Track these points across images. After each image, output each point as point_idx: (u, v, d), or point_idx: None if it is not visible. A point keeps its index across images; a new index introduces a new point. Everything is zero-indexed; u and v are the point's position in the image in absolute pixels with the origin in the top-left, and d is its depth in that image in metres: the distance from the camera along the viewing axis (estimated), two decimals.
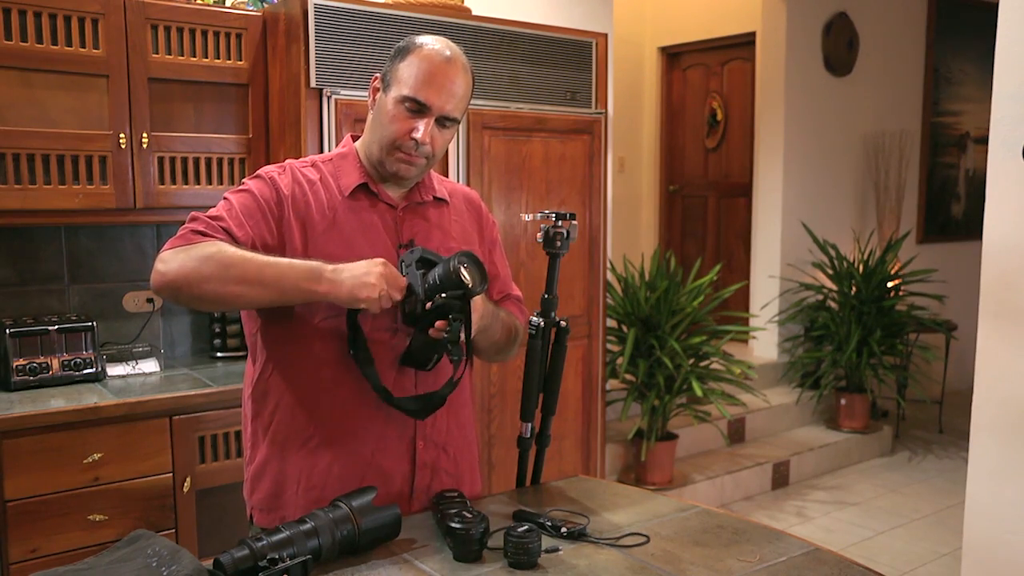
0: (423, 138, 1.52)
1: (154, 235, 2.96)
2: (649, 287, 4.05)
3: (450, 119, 1.56)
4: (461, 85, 1.56)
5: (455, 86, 1.54)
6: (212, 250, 1.43)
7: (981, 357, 2.53)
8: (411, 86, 1.52)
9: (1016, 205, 2.43)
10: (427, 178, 1.68)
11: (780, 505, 4.25)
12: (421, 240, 1.59)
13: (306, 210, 1.55)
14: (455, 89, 1.54)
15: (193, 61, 2.67)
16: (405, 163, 1.56)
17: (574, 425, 3.39)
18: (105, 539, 2.35)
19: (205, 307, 1.60)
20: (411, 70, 1.53)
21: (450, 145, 2.93)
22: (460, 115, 1.59)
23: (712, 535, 1.51)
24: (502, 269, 1.79)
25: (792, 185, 5.27)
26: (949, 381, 5.47)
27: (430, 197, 1.67)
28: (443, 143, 1.59)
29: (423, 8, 2.90)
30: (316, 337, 1.54)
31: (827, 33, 5.30)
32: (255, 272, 1.42)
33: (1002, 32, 2.45)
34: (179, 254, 1.44)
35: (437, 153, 1.58)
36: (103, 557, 1.31)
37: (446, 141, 1.60)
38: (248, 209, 1.52)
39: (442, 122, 1.55)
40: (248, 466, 1.65)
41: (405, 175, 1.58)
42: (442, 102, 1.53)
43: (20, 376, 2.50)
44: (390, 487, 1.58)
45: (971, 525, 2.58)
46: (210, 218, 1.51)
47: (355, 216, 1.57)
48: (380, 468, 1.57)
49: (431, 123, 1.53)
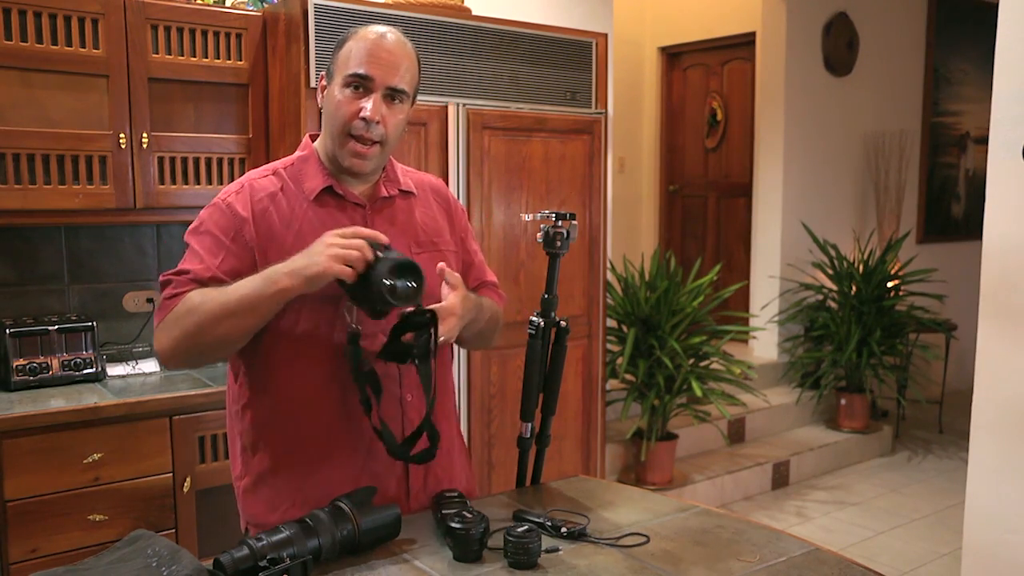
0: (372, 114, 1.49)
1: (154, 235, 2.96)
2: (649, 287, 4.05)
3: (398, 91, 1.53)
4: (403, 58, 1.54)
5: (395, 58, 1.52)
6: (183, 309, 1.45)
7: (981, 357, 2.53)
8: (351, 65, 1.51)
9: (1016, 205, 2.43)
10: (391, 170, 1.65)
11: (780, 505, 4.25)
12: (392, 239, 1.50)
13: (269, 226, 1.52)
14: (396, 61, 1.52)
15: (193, 61, 2.67)
16: (358, 156, 1.52)
17: (574, 425, 3.39)
18: (105, 539, 2.35)
19: (218, 356, 1.56)
20: (349, 52, 1.53)
21: (450, 145, 2.93)
22: (409, 89, 1.55)
23: (712, 535, 1.51)
24: (475, 256, 1.77)
25: (792, 185, 5.27)
26: (949, 381, 5.47)
27: (396, 191, 1.64)
28: (395, 124, 1.54)
29: (423, 8, 2.90)
30: (298, 353, 1.53)
31: (827, 33, 5.30)
32: (223, 307, 1.42)
33: (1002, 32, 2.44)
34: (163, 328, 1.48)
35: (390, 135, 1.54)
36: (103, 557, 1.31)
37: (399, 122, 1.55)
38: (210, 248, 1.51)
39: (390, 96, 1.52)
40: (238, 481, 1.62)
41: (359, 170, 1.55)
42: (384, 72, 1.51)
43: (20, 376, 2.50)
44: (386, 491, 1.58)
45: (971, 525, 2.58)
46: (177, 274, 1.50)
47: (321, 222, 1.52)
48: (374, 473, 1.57)
49: (378, 98, 1.51)
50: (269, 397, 1.56)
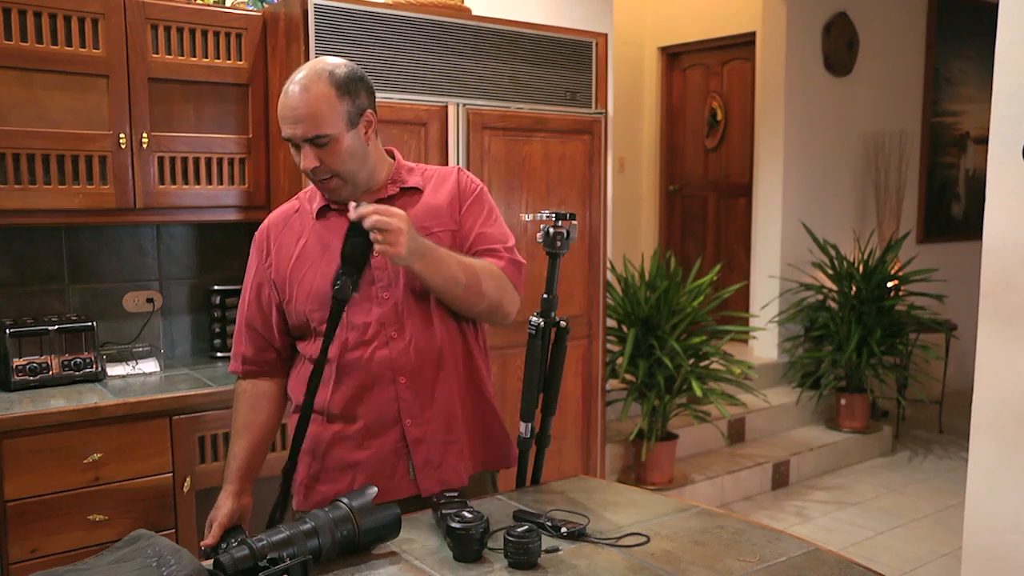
0: (306, 165, 1.64)
1: (154, 235, 2.96)
2: (649, 287, 4.05)
3: (316, 139, 1.62)
4: (304, 105, 1.61)
5: (297, 111, 1.61)
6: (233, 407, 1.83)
7: (981, 357, 2.53)
8: (281, 129, 1.66)
9: (1016, 205, 2.43)
10: (396, 173, 1.77)
11: (780, 505, 4.25)
12: None
13: (280, 248, 1.77)
14: (299, 114, 1.61)
15: (193, 61, 2.67)
16: (327, 191, 1.70)
17: (574, 425, 3.39)
18: (105, 539, 2.35)
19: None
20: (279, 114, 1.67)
21: (450, 144, 2.93)
22: (328, 129, 1.62)
23: (712, 535, 1.51)
24: (482, 228, 1.77)
25: (792, 185, 5.27)
26: (949, 381, 5.47)
27: (396, 189, 1.75)
28: (339, 156, 1.64)
29: (423, 8, 2.90)
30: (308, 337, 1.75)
31: (827, 33, 5.30)
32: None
33: (1002, 32, 2.44)
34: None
35: (342, 168, 1.66)
36: (103, 557, 1.31)
37: (343, 152, 1.64)
38: (251, 315, 1.80)
39: (314, 142, 1.62)
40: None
41: (333, 198, 1.71)
42: (295, 131, 1.62)
43: (20, 376, 2.50)
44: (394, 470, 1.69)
45: (971, 525, 2.58)
46: (234, 348, 1.84)
47: (320, 235, 1.73)
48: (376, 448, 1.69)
49: (307, 150, 1.63)
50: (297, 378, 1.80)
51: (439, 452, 1.70)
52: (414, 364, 1.68)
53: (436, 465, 1.69)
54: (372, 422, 1.68)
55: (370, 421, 1.68)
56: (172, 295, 3.01)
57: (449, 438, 1.71)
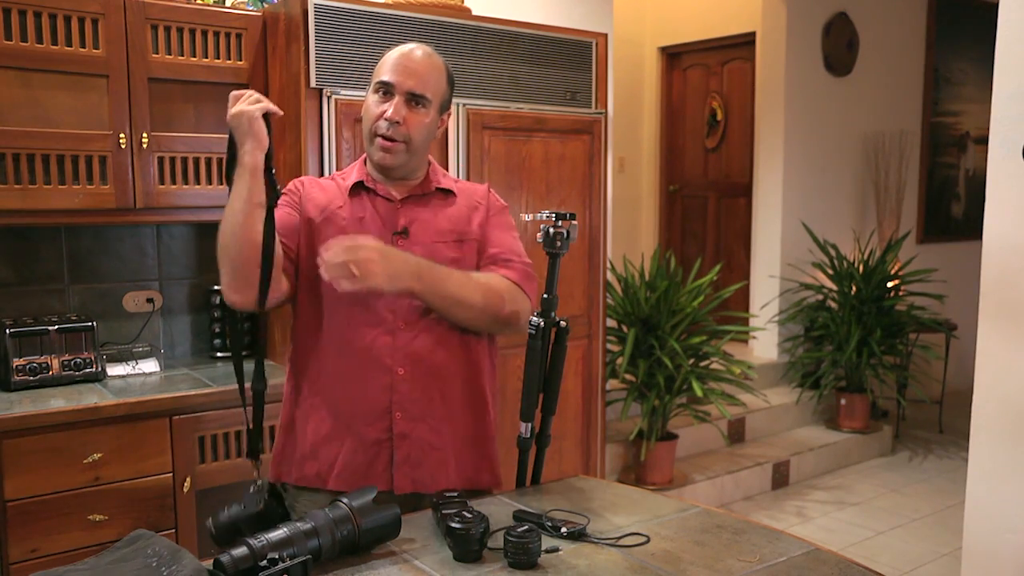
0: (393, 115, 1.67)
1: (154, 235, 2.96)
2: (649, 287, 4.05)
3: (418, 96, 1.69)
4: (423, 65, 1.71)
5: (415, 65, 1.70)
6: None
7: (981, 357, 2.53)
8: (379, 74, 1.72)
9: (1016, 205, 2.43)
10: (432, 174, 1.80)
11: (780, 505, 4.25)
12: (415, 226, 1.72)
13: (308, 199, 1.76)
14: (415, 67, 1.70)
15: (193, 61, 2.67)
16: (384, 151, 1.70)
17: (574, 425, 3.39)
18: (105, 539, 2.35)
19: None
20: (381, 64, 1.74)
21: (450, 144, 2.93)
22: (431, 96, 1.71)
23: (712, 535, 1.51)
24: (501, 240, 1.79)
25: (792, 185, 5.27)
26: (949, 381, 5.47)
27: (433, 189, 1.78)
28: (419, 125, 1.70)
29: (423, 8, 2.90)
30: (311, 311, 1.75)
31: (827, 33, 5.30)
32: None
33: (1002, 32, 2.45)
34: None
35: (414, 136, 1.70)
36: (103, 557, 1.31)
37: (423, 125, 1.71)
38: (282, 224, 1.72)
39: (412, 100, 1.69)
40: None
41: (387, 163, 1.72)
42: (402, 78, 1.69)
43: (20, 376, 2.50)
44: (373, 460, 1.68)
45: (971, 525, 2.58)
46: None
47: (351, 211, 1.74)
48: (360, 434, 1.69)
49: (399, 101, 1.68)
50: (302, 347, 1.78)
51: (421, 454, 1.69)
52: (416, 359, 1.67)
53: (415, 465, 1.69)
54: (361, 407, 1.67)
55: (359, 405, 1.67)
56: (172, 295, 3.01)
57: (436, 444, 1.70)
